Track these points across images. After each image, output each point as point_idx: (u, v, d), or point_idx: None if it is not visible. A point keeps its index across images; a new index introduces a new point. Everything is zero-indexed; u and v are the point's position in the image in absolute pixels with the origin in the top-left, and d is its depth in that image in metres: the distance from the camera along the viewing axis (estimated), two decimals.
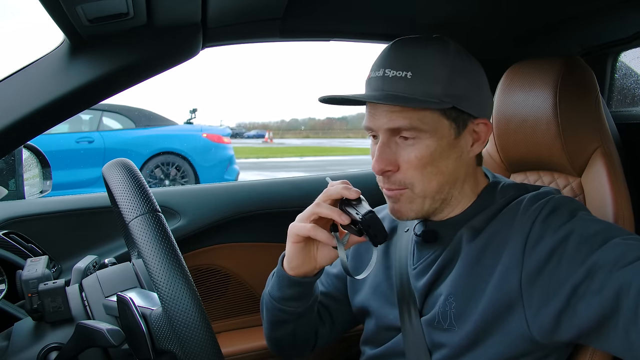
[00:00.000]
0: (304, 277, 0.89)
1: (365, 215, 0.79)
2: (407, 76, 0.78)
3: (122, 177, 0.65)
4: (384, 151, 0.81)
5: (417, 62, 0.79)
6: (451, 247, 0.86)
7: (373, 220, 0.79)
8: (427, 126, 0.79)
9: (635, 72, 1.40)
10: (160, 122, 6.40)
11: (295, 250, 0.87)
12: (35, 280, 0.74)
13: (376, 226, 0.79)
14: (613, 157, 1.00)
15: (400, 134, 0.80)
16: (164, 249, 0.59)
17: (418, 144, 0.80)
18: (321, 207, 0.83)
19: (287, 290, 0.91)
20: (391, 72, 0.79)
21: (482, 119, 0.84)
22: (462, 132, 0.83)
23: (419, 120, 0.79)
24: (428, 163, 0.80)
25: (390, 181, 0.83)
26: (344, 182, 0.84)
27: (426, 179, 0.81)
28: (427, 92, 0.78)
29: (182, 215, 1.38)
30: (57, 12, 0.74)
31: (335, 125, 60.30)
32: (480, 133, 0.85)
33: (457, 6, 1.16)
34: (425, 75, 0.79)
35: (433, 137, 0.80)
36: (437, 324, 0.84)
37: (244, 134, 36.98)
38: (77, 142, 5.80)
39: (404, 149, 0.81)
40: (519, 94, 1.06)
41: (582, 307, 0.70)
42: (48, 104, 0.79)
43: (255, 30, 1.14)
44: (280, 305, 0.93)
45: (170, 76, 49.99)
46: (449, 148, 0.81)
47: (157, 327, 0.65)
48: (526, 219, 0.79)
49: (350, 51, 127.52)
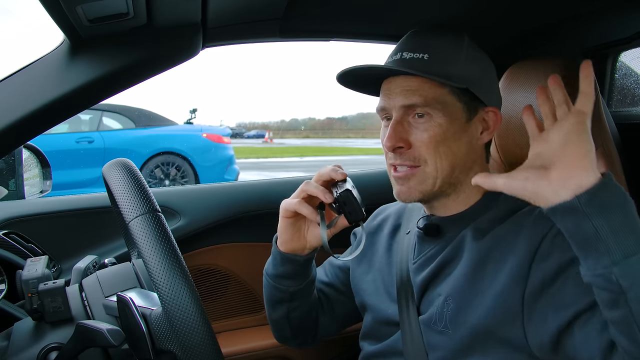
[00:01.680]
0: (293, 254, 0.93)
1: (341, 192, 0.83)
2: (424, 57, 0.82)
3: (122, 177, 0.65)
4: (397, 128, 0.83)
5: (434, 45, 0.83)
6: (454, 244, 0.86)
7: (348, 198, 0.83)
8: (441, 105, 0.82)
9: (635, 72, 1.40)
10: (160, 122, 6.40)
11: (284, 224, 0.92)
12: (35, 280, 0.74)
13: (351, 204, 0.83)
14: (613, 157, 1.00)
15: (414, 112, 0.83)
16: (163, 249, 0.59)
17: (431, 122, 0.82)
18: (309, 186, 0.87)
19: (279, 267, 0.96)
20: (408, 54, 0.83)
21: (492, 107, 0.87)
22: (473, 117, 0.85)
23: (433, 98, 0.81)
24: (440, 142, 0.82)
25: (403, 158, 0.84)
26: (336, 166, 0.88)
27: (439, 158, 0.83)
28: (443, 71, 0.81)
29: (182, 215, 1.38)
30: (57, 12, 0.74)
31: (335, 125, 60.37)
32: (489, 122, 0.87)
33: (457, 6, 1.16)
34: (441, 57, 0.82)
35: (446, 117, 0.82)
36: (434, 324, 0.84)
37: (244, 134, 37.00)
38: (77, 142, 5.80)
39: (417, 127, 0.83)
40: (519, 94, 1.06)
41: (580, 337, 0.70)
42: (48, 104, 0.79)
43: (255, 30, 1.14)
44: (273, 283, 0.98)
45: (170, 76, 50.06)
46: (460, 131, 0.84)
47: (157, 327, 0.65)
48: (536, 232, 0.78)
49: (350, 51, 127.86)
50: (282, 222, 0.92)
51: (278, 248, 0.95)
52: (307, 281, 0.98)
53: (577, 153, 0.64)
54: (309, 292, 1.00)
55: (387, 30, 1.29)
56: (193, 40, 0.93)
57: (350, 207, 0.83)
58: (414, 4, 1.13)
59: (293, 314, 1.00)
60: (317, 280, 1.08)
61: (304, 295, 0.99)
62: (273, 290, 0.99)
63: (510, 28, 1.32)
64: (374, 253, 1.02)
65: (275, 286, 0.98)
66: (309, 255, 0.95)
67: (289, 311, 1.00)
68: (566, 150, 0.65)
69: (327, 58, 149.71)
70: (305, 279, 0.97)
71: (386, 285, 0.96)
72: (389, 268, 0.97)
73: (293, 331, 1.04)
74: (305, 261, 0.95)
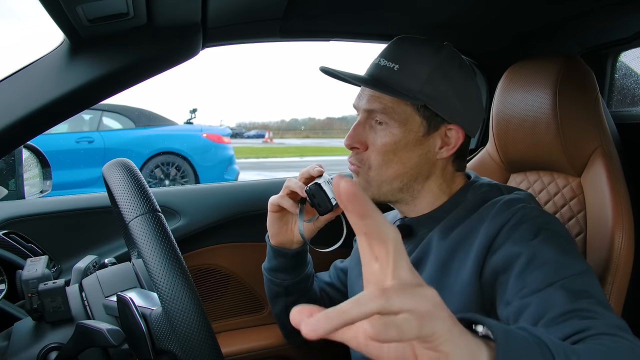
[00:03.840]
0: (282, 247, 1.00)
1: (310, 186, 0.90)
2: (394, 68, 0.85)
3: (122, 177, 0.65)
4: (357, 129, 0.88)
5: (405, 57, 0.85)
6: (423, 245, 0.87)
7: (316, 191, 0.90)
8: (398, 116, 0.85)
9: (635, 72, 1.40)
10: (160, 122, 6.39)
11: (271, 218, 0.99)
12: (35, 280, 0.74)
13: (319, 196, 0.90)
14: (613, 157, 1.00)
15: (375, 117, 0.86)
16: (163, 249, 0.59)
17: (386, 131, 0.85)
18: (290, 182, 0.95)
19: (272, 260, 1.02)
20: (384, 61, 0.87)
21: (455, 125, 0.86)
22: (433, 132, 0.86)
23: (392, 108, 0.84)
24: (390, 151, 0.85)
25: (357, 158, 0.89)
26: (317, 164, 0.95)
27: (384, 165, 0.86)
28: (405, 85, 0.84)
29: (182, 215, 1.38)
30: (57, 12, 0.74)
31: (335, 125, 60.34)
32: (451, 138, 0.87)
33: (457, 6, 1.16)
34: (407, 70, 0.84)
35: (401, 127, 0.85)
36: None
37: (244, 134, 36.98)
38: (77, 142, 5.79)
39: (375, 133, 0.87)
40: (519, 94, 1.06)
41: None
42: (48, 104, 0.79)
43: (255, 30, 1.14)
44: (269, 276, 1.04)
45: (170, 76, 49.85)
46: (414, 143, 0.86)
47: (157, 327, 0.65)
48: (494, 224, 0.78)
49: (350, 51, 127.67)
50: (269, 217, 0.99)
51: (270, 242, 1.01)
52: (301, 276, 1.02)
53: None
54: (305, 287, 1.04)
55: (386, 31, 1.29)
56: (193, 40, 0.93)
57: (319, 199, 0.90)
58: (414, 4, 1.13)
59: (291, 308, 1.01)
60: (321, 281, 1.13)
61: (300, 289, 1.03)
62: (270, 284, 1.05)
63: (511, 28, 1.32)
64: None
65: (271, 279, 1.04)
66: (298, 249, 1.00)
67: (287, 305, 1.04)
68: None
69: (327, 58, 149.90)
70: (299, 274, 1.02)
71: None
72: None
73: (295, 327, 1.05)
74: (295, 254, 1.00)
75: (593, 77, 1.03)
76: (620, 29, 1.28)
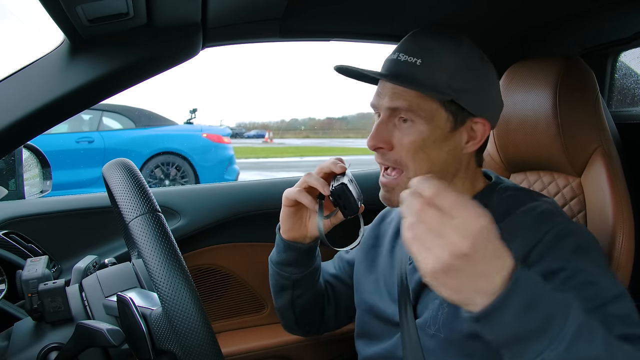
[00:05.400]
0: (294, 241, 0.97)
1: (336, 186, 0.85)
2: (417, 63, 0.82)
3: (122, 177, 0.65)
4: (380, 129, 0.84)
5: (428, 51, 0.83)
6: None
7: (342, 192, 0.85)
8: (424, 112, 0.82)
9: (635, 72, 1.40)
10: (160, 122, 6.39)
11: (286, 213, 0.95)
12: (35, 280, 0.74)
13: (345, 198, 0.85)
14: (613, 157, 1.00)
15: (399, 115, 0.83)
16: (163, 249, 0.59)
17: (413, 128, 0.82)
18: (310, 177, 0.90)
19: (282, 254, 0.99)
20: (404, 56, 0.83)
21: (481, 118, 0.85)
22: (459, 127, 0.84)
23: (417, 104, 0.81)
24: (419, 148, 0.82)
25: (384, 158, 0.86)
26: (337, 159, 0.91)
27: (417, 164, 0.83)
28: (431, 80, 0.81)
29: (182, 215, 1.38)
30: (57, 12, 0.74)
31: (335, 125, 60.30)
32: (477, 132, 0.85)
33: (457, 6, 1.16)
34: (432, 64, 0.81)
35: (428, 124, 0.82)
36: (427, 327, 0.84)
37: (244, 134, 36.93)
38: (77, 142, 5.79)
39: (400, 131, 0.83)
40: (519, 94, 1.06)
41: None
42: (48, 104, 0.79)
43: (255, 30, 1.14)
44: (277, 269, 1.01)
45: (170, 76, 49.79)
46: (442, 139, 0.83)
47: (157, 327, 0.65)
48: (532, 236, 0.77)
49: (350, 51, 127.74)
50: (284, 211, 0.95)
51: (281, 236, 0.98)
52: (309, 270, 1.00)
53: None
54: (312, 281, 1.03)
55: (387, 31, 1.29)
56: (193, 40, 0.93)
57: (345, 201, 0.86)
58: (415, 4, 1.13)
59: (297, 302, 1.03)
60: (326, 272, 1.11)
61: (307, 283, 1.02)
62: (277, 277, 1.02)
63: (511, 28, 1.32)
64: (378, 254, 1.02)
65: (278, 272, 1.01)
66: (310, 244, 0.98)
67: (293, 299, 1.02)
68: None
69: (327, 58, 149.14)
70: (308, 268, 1.00)
71: (388, 286, 0.96)
72: (391, 270, 0.97)
73: (297, 320, 1.06)
74: (307, 249, 0.98)
75: (593, 77, 1.03)
76: (620, 29, 1.28)
